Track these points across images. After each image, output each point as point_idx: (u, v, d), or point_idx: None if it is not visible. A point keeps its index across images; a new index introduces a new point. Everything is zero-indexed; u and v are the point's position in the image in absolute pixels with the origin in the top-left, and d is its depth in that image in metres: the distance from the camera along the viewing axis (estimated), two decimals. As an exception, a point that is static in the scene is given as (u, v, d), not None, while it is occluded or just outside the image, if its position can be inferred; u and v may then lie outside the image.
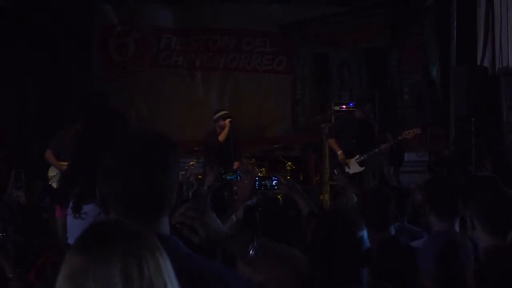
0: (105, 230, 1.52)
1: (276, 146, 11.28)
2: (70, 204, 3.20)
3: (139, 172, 1.86)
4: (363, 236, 2.57)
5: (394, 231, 3.87)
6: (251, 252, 2.09)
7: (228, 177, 9.04)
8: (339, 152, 9.28)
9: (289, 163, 10.82)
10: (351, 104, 10.84)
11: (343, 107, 11.20)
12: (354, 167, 9.22)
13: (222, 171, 9.40)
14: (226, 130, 9.75)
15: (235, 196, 8.28)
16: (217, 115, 9.84)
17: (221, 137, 9.75)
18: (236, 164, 9.65)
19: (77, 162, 3.39)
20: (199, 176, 10.29)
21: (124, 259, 1.45)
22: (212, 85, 12.48)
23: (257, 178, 4.73)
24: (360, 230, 2.57)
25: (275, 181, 4.57)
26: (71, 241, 3.25)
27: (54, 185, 7.59)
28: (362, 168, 9.15)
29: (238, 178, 8.18)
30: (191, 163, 10.56)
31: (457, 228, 3.76)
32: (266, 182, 4.60)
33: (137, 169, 1.86)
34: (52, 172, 7.99)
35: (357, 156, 9.17)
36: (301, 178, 10.94)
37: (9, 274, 3.61)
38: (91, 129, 3.42)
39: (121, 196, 1.87)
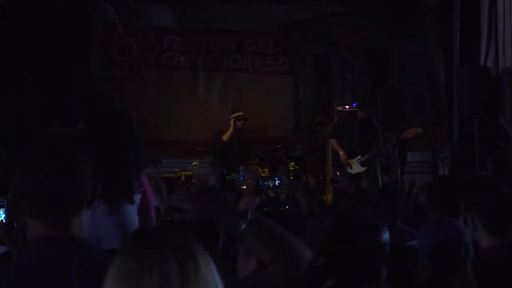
0: (153, 232, 1.53)
1: (278, 146, 11.27)
2: None
3: (50, 173, 1.86)
4: (387, 239, 2.56)
5: None
6: (243, 226, 2.11)
7: (231, 178, 9.04)
8: (341, 152, 9.30)
9: (292, 163, 10.81)
10: (354, 104, 10.83)
11: (346, 107, 11.20)
12: (356, 168, 9.23)
13: (225, 172, 9.40)
14: (230, 130, 9.77)
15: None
16: (233, 115, 9.90)
17: (225, 137, 9.76)
18: (242, 168, 9.64)
19: None
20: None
21: (179, 255, 1.47)
22: (214, 86, 12.48)
23: (260, 179, 4.73)
24: (384, 233, 2.56)
25: (278, 181, 4.57)
26: None
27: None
28: (364, 168, 9.15)
29: (241, 179, 8.18)
30: (194, 163, 10.58)
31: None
32: (269, 182, 4.60)
33: (48, 170, 1.86)
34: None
35: (359, 157, 9.18)
36: (303, 178, 10.93)
37: None
38: (92, 129, 3.42)
39: (32, 196, 1.87)
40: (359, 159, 9.20)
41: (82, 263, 1.77)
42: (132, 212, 3.49)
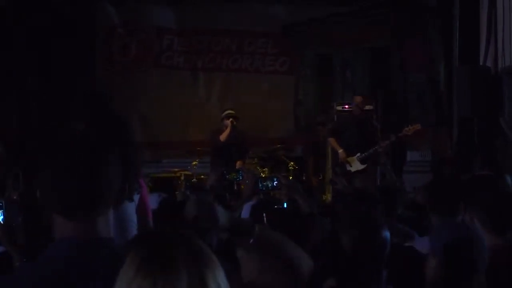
0: (163, 245, 1.52)
1: (278, 146, 11.28)
2: None
3: (77, 170, 1.84)
4: (387, 238, 2.56)
5: None
6: (251, 240, 2.10)
7: (231, 177, 9.07)
8: (340, 151, 9.34)
9: (292, 163, 10.83)
10: (353, 104, 10.84)
11: (345, 107, 11.19)
12: (355, 165, 9.26)
13: (224, 171, 9.41)
14: (228, 130, 9.76)
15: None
16: (223, 114, 9.91)
17: (222, 137, 9.76)
18: (238, 164, 9.65)
19: None
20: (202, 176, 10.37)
21: (190, 277, 1.47)
22: (214, 86, 12.49)
23: (258, 179, 4.72)
24: (384, 232, 2.57)
25: (276, 182, 4.56)
26: None
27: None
28: (364, 166, 9.18)
29: (240, 178, 8.20)
30: (193, 163, 10.59)
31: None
32: (268, 182, 4.59)
33: (75, 167, 1.84)
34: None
35: (358, 154, 9.21)
36: (303, 178, 10.94)
37: (16, 263, 3.63)
38: (91, 129, 3.43)
39: (58, 194, 1.85)
40: (358, 156, 9.23)
41: (107, 263, 1.76)
42: (131, 209, 3.53)
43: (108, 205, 1.91)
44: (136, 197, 3.59)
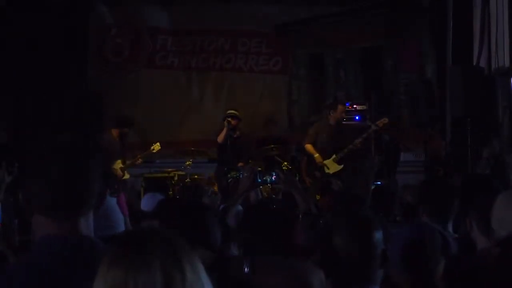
0: (140, 238, 1.55)
1: (272, 146, 11.27)
2: None
3: (62, 173, 1.91)
4: (379, 238, 2.56)
5: None
6: (246, 269, 2.09)
7: (232, 176, 9.15)
8: (316, 155, 9.40)
9: (285, 163, 10.82)
10: (347, 104, 10.84)
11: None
12: (333, 167, 9.31)
13: (225, 169, 9.47)
14: (224, 130, 9.73)
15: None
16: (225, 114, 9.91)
17: (219, 138, 9.74)
18: (240, 166, 9.64)
19: None
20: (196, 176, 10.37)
21: (166, 265, 1.48)
22: (208, 86, 12.48)
23: (257, 172, 4.71)
24: (377, 231, 2.57)
25: (275, 176, 4.56)
26: None
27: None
28: (341, 166, 9.23)
29: (241, 176, 8.24)
30: (187, 163, 10.56)
31: (450, 228, 3.75)
32: (266, 177, 4.60)
33: (61, 170, 1.91)
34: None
35: (334, 156, 9.27)
36: (297, 178, 10.92)
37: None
38: (76, 136, 3.51)
39: (44, 196, 1.91)
40: (334, 158, 9.30)
41: (88, 259, 1.82)
42: (112, 202, 3.92)
43: (89, 207, 1.98)
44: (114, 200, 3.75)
